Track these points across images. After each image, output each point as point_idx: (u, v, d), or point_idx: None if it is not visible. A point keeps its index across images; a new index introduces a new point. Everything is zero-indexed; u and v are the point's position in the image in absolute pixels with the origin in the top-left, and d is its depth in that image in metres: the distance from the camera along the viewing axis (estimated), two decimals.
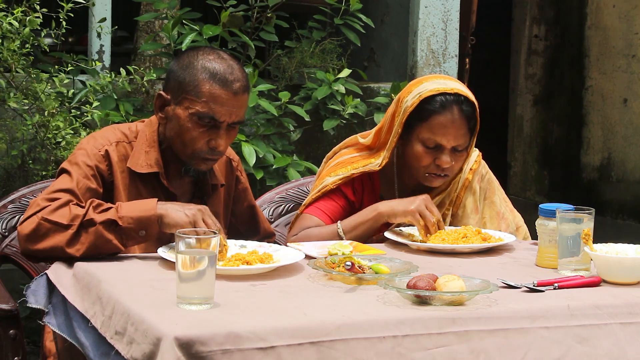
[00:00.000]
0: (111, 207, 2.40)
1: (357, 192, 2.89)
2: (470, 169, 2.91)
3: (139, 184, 2.58)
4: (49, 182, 2.83)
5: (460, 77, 5.56)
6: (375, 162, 2.84)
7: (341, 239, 2.73)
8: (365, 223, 2.74)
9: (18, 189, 2.91)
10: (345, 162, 2.90)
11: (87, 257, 2.37)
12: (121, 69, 4.04)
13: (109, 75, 3.92)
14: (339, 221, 2.78)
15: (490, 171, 2.99)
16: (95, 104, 3.82)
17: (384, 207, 2.74)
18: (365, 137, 2.94)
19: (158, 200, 2.44)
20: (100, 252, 2.38)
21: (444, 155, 2.75)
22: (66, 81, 3.86)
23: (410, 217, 2.67)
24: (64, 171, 2.53)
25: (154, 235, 2.41)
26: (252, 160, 3.94)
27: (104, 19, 4.28)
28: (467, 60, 5.88)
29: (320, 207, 2.85)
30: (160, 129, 2.62)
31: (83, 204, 2.43)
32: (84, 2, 3.86)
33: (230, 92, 2.52)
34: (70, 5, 3.72)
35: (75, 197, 2.45)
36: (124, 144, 2.60)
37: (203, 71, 2.52)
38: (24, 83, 3.76)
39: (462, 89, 2.78)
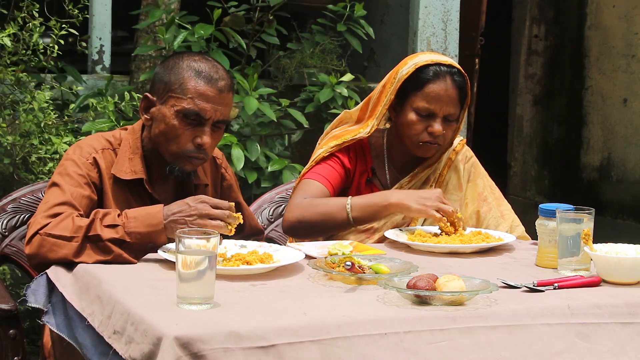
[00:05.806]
0: (117, 225, 2.38)
1: (352, 161, 2.96)
2: (454, 150, 3.02)
3: (125, 190, 2.59)
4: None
5: (470, 78, 5.56)
6: (364, 131, 2.92)
7: (347, 214, 2.74)
8: (372, 206, 2.75)
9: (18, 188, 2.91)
10: (337, 135, 2.99)
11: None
12: (126, 92, 4.04)
13: (112, 99, 3.94)
14: (349, 196, 2.79)
15: (475, 157, 3.08)
16: (87, 117, 3.83)
17: (396, 198, 2.73)
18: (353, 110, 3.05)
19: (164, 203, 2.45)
20: (112, 263, 2.37)
21: (436, 123, 2.85)
22: (52, 91, 3.86)
23: (432, 216, 2.68)
24: (55, 184, 2.53)
25: (164, 244, 2.41)
26: (239, 165, 3.98)
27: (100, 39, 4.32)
28: (476, 60, 5.88)
29: (318, 172, 2.91)
30: (145, 133, 2.65)
31: (81, 212, 2.45)
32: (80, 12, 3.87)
33: (215, 89, 2.56)
34: (66, 28, 3.73)
35: (73, 208, 2.46)
36: (109, 151, 2.62)
37: (188, 70, 2.57)
38: (9, 99, 3.78)
39: (455, 63, 2.92)
